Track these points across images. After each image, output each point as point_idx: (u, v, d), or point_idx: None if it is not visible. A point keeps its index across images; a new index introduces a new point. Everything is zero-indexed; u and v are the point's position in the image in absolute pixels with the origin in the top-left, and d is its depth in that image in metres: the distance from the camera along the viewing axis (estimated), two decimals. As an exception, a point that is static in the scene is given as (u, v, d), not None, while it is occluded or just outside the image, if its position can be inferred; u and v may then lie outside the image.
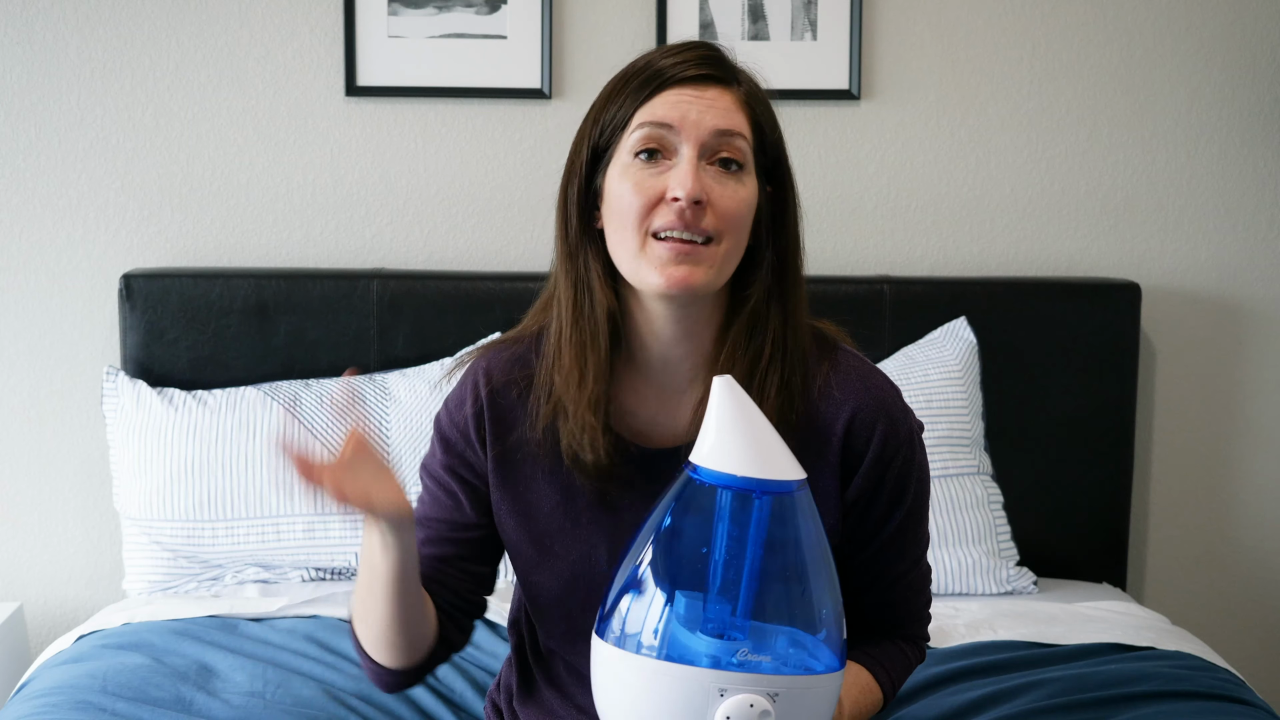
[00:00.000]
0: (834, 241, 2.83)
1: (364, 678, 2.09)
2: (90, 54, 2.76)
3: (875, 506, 1.57)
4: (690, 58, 1.49)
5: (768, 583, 1.35)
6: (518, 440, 1.58)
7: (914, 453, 1.58)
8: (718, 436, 1.35)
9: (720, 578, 1.34)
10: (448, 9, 2.76)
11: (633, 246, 1.47)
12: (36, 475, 2.82)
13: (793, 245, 1.54)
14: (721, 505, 1.34)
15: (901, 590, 1.62)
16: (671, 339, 1.54)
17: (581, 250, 1.53)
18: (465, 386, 1.61)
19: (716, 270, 1.48)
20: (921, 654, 1.67)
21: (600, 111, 1.51)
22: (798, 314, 1.55)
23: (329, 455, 1.45)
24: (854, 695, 1.56)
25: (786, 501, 1.34)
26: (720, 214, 1.46)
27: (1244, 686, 2.11)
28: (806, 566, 1.36)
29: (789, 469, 1.35)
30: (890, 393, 1.57)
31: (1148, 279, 2.84)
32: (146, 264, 2.78)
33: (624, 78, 1.51)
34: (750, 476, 1.34)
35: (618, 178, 1.48)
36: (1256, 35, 2.82)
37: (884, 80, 2.81)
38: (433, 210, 2.81)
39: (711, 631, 1.34)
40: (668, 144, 1.47)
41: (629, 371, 1.57)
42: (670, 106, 1.47)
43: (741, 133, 1.48)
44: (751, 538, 1.34)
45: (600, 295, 1.52)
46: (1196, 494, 2.91)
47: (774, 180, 1.53)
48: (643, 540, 1.37)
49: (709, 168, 1.47)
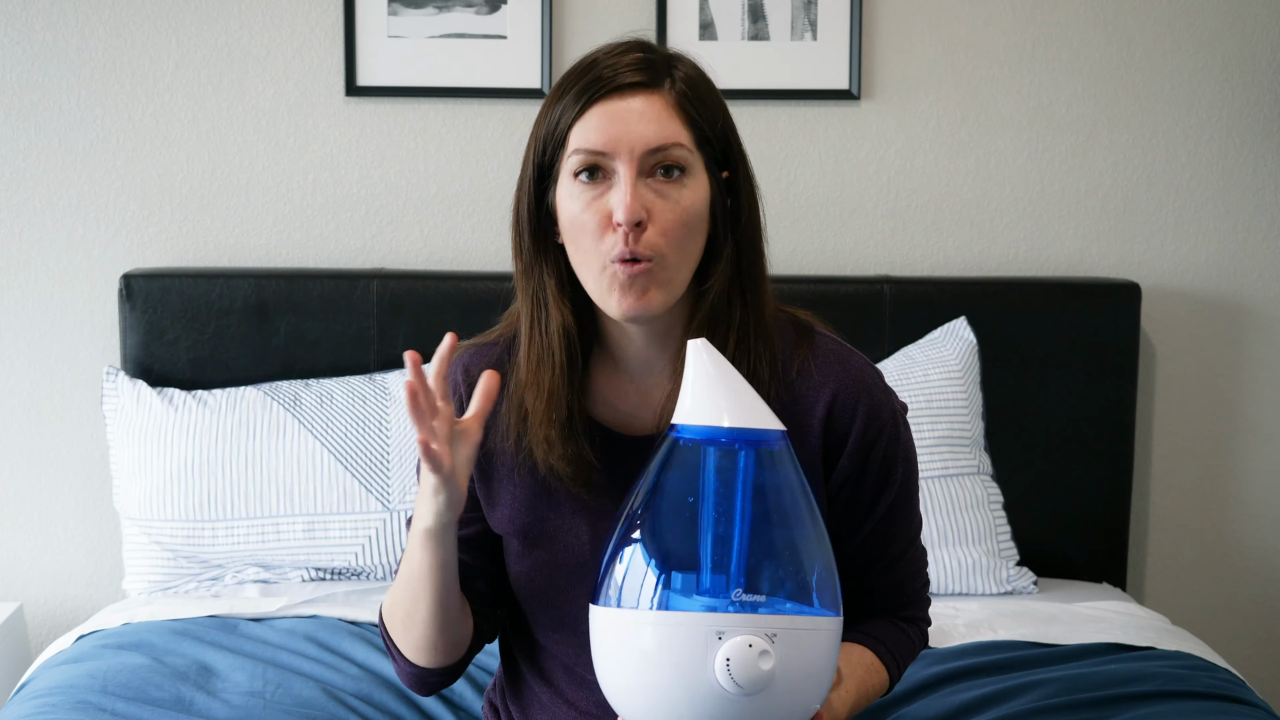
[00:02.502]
0: (834, 241, 2.83)
1: (364, 678, 2.09)
2: (90, 54, 2.76)
3: (863, 488, 1.57)
4: (620, 64, 1.49)
5: (758, 534, 1.35)
6: (497, 436, 1.59)
7: (898, 432, 1.58)
8: (696, 394, 1.37)
9: (711, 534, 1.35)
10: (448, 9, 2.76)
11: (595, 270, 1.48)
12: (36, 475, 2.82)
13: (751, 230, 1.54)
14: (707, 460, 1.35)
15: (898, 572, 1.62)
16: (644, 343, 1.55)
17: (536, 266, 1.54)
18: (447, 386, 1.61)
19: (670, 287, 1.48)
20: (924, 636, 1.67)
21: (538, 128, 1.52)
22: (761, 302, 1.54)
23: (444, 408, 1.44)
24: (859, 675, 1.56)
25: (771, 452, 1.36)
26: (664, 229, 1.46)
27: (1244, 686, 2.11)
28: (794, 517, 1.37)
29: (770, 420, 1.37)
30: (870, 374, 1.57)
31: (1148, 279, 2.84)
32: (146, 264, 2.78)
33: (559, 88, 1.51)
34: (734, 427, 1.35)
35: (566, 198, 1.49)
36: (1256, 35, 2.82)
37: (884, 80, 2.81)
38: (433, 210, 2.81)
39: (709, 586, 1.34)
40: (605, 166, 1.47)
41: (607, 366, 1.58)
42: (600, 129, 1.46)
43: (677, 141, 1.47)
44: (740, 490, 1.35)
45: (555, 311, 1.53)
46: (1196, 494, 2.91)
47: (727, 164, 1.53)
48: (632, 507, 1.38)
49: (650, 181, 1.47)
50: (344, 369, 2.68)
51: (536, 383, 1.54)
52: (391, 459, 2.54)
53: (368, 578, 2.56)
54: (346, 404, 2.58)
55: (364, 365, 2.69)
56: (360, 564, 2.54)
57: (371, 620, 2.30)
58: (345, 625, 2.26)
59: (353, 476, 2.53)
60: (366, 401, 2.59)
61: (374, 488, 2.53)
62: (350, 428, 2.56)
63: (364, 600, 2.40)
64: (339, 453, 2.54)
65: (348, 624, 2.27)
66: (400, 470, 2.54)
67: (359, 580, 2.55)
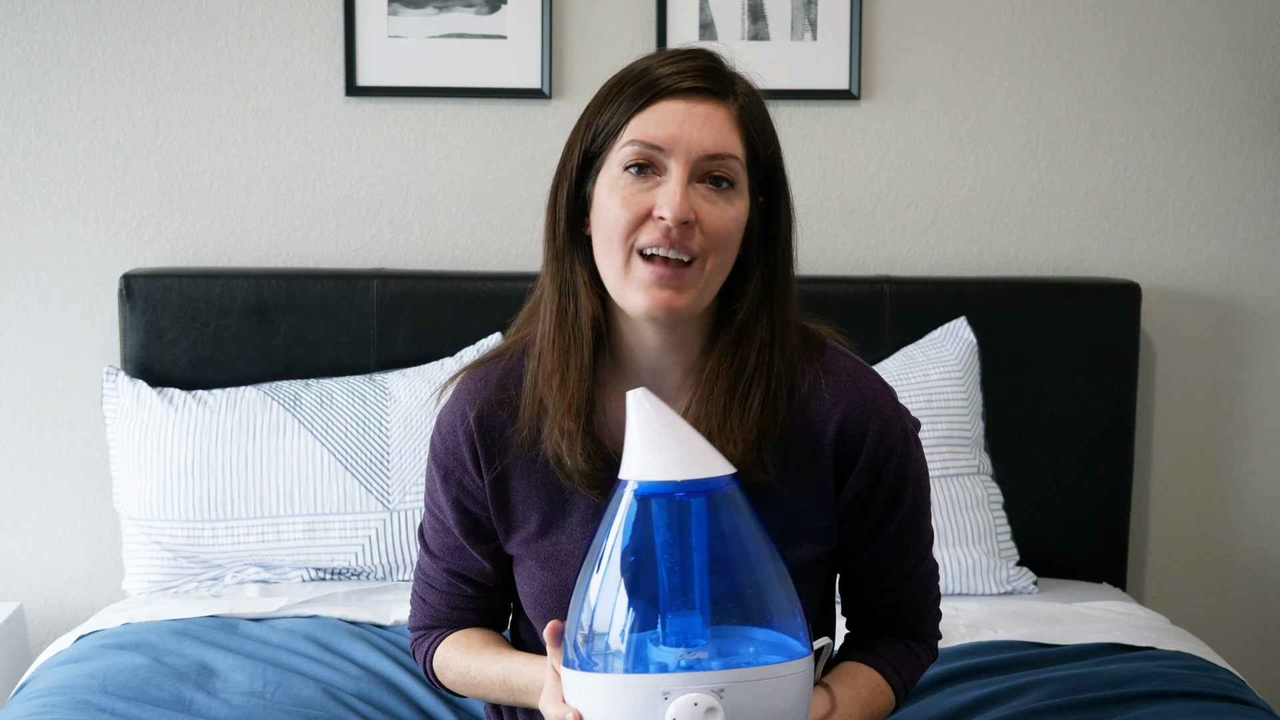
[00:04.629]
0: (834, 241, 2.83)
1: (364, 678, 2.09)
2: (90, 54, 2.76)
3: (873, 506, 1.56)
4: (687, 68, 1.48)
5: (717, 580, 1.35)
6: (511, 457, 1.58)
7: (909, 451, 1.57)
8: (644, 448, 1.35)
9: (669, 585, 1.34)
10: (448, 9, 2.76)
11: (618, 263, 1.46)
12: (36, 475, 2.82)
13: (784, 257, 1.53)
14: (658, 514, 1.34)
15: (908, 589, 1.62)
16: (658, 350, 1.54)
17: (568, 255, 1.52)
18: (455, 414, 1.60)
19: (700, 292, 1.47)
20: (933, 653, 1.67)
21: (594, 116, 1.50)
22: (786, 327, 1.54)
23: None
24: (864, 698, 1.56)
25: (724, 495, 1.35)
26: (708, 233, 1.45)
27: (1244, 686, 2.11)
28: (752, 558, 1.36)
29: (718, 466, 1.36)
30: (881, 392, 1.56)
31: (1148, 279, 2.84)
32: (146, 264, 2.78)
33: (620, 82, 1.50)
34: (683, 480, 1.34)
35: (607, 189, 1.48)
36: (1256, 35, 2.82)
37: (884, 80, 2.81)
38: (433, 210, 2.81)
39: (673, 643, 1.34)
40: (658, 162, 1.46)
41: (617, 378, 1.56)
42: (662, 125, 1.45)
43: (734, 154, 1.47)
44: (695, 539, 1.34)
45: (586, 301, 1.51)
46: (1196, 494, 2.91)
47: (767, 191, 1.52)
48: (588, 564, 1.37)
49: (699, 186, 1.46)
50: (344, 369, 2.68)
51: (561, 372, 1.52)
52: (391, 459, 2.54)
53: (368, 578, 2.56)
54: (346, 404, 2.58)
55: (364, 365, 2.69)
56: (360, 564, 2.54)
57: (371, 620, 2.30)
58: (345, 625, 2.26)
59: (353, 476, 2.53)
60: (366, 401, 2.59)
61: (374, 488, 2.53)
62: (350, 428, 2.56)
63: (364, 600, 2.40)
64: (339, 453, 2.54)
65: (348, 624, 2.27)
66: (400, 470, 2.54)
67: (359, 580, 2.55)
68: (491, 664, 1.60)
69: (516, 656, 1.59)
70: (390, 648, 2.19)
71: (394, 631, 2.26)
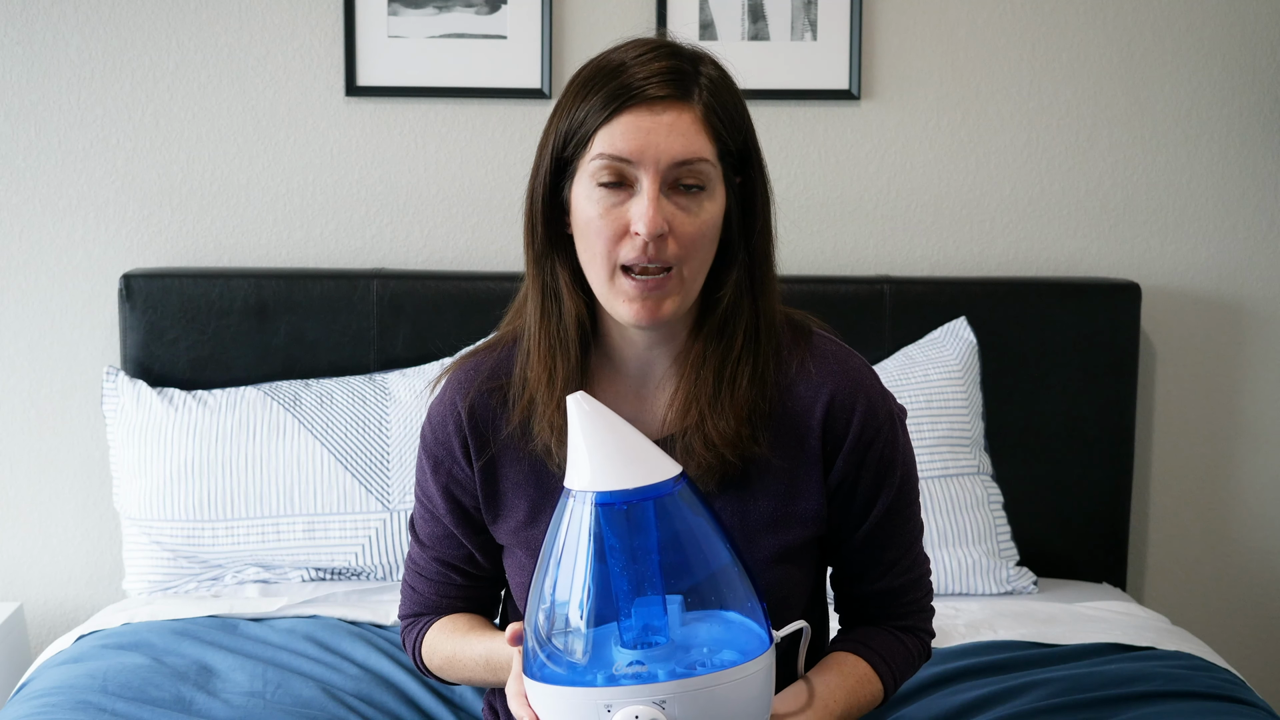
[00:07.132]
0: (834, 241, 2.83)
1: (364, 678, 2.10)
2: (90, 54, 2.76)
3: (861, 488, 1.57)
4: (653, 71, 1.48)
5: (672, 579, 1.35)
6: (500, 447, 1.59)
7: (896, 433, 1.58)
8: (588, 457, 1.35)
9: (623, 589, 1.34)
10: (448, 9, 2.76)
11: (603, 276, 1.48)
12: (36, 475, 2.82)
13: (763, 237, 1.55)
14: (605, 522, 1.34)
15: (896, 578, 1.62)
16: (646, 345, 1.56)
17: (548, 258, 1.54)
18: (445, 404, 1.61)
19: (684, 295, 1.49)
20: (925, 648, 1.66)
21: (561, 119, 1.51)
22: (770, 304, 1.55)
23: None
24: (850, 685, 1.56)
25: (672, 495, 1.35)
26: (682, 242, 1.47)
27: (1244, 686, 2.11)
28: (704, 558, 1.36)
29: (664, 468, 1.36)
30: (867, 375, 1.58)
31: (1148, 279, 2.84)
32: (146, 264, 2.78)
33: (586, 83, 1.50)
34: (629, 488, 1.34)
35: (584, 199, 1.49)
36: (1256, 35, 2.82)
37: (884, 80, 2.81)
38: (433, 210, 2.81)
39: (630, 643, 1.34)
40: (628, 175, 1.47)
41: (606, 369, 1.58)
42: (628, 138, 1.46)
43: (702, 156, 1.47)
44: (648, 542, 1.34)
45: (570, 304, 1.53)
46: (1196, 494, 2.91)
47: (743, 172, 1.53)
48: (538, 573, 1.37)
49: (671, 195, 1.47)
50: (344, 369, 2.68)
51: (549, 371, 1.53)
52: (391, 459, 2.54)
53: (368, 578, 2.56)
54: (346, 404, 2.58)
55: (364, 365, 2.69)
56: (360, 564, 2.54)
57: (372, 620, 2.30)
58: (345, 625, 2.26)
59: (353, 476, 2.53)
60: (366, 401, 2.59)
61: (374, 488, 2.53)
62: (350, 428, 2.56)
63: (364, 600, 2.40)
64: (339, 453, 2.54)
65: (348, 624, 2.27)
66: (400, 470, 2.54)
67: (359, 580, 2.55)
68: (474, 644, 1.61)
69: (499, 636, 1.60)
70: (390, 648, 2.19)
71: (394, 631, 2.27)
